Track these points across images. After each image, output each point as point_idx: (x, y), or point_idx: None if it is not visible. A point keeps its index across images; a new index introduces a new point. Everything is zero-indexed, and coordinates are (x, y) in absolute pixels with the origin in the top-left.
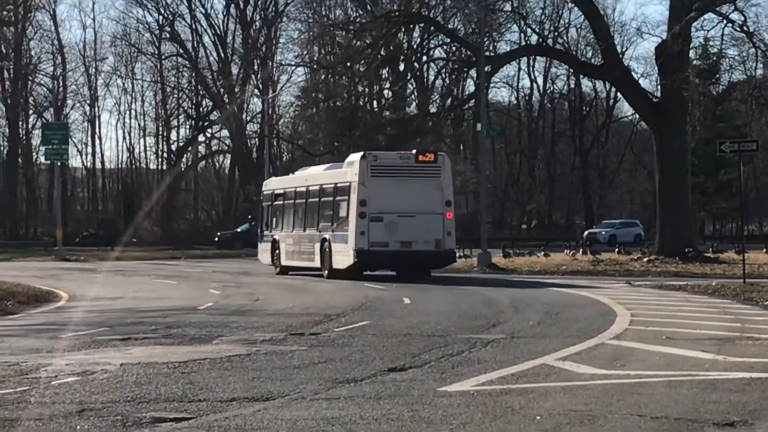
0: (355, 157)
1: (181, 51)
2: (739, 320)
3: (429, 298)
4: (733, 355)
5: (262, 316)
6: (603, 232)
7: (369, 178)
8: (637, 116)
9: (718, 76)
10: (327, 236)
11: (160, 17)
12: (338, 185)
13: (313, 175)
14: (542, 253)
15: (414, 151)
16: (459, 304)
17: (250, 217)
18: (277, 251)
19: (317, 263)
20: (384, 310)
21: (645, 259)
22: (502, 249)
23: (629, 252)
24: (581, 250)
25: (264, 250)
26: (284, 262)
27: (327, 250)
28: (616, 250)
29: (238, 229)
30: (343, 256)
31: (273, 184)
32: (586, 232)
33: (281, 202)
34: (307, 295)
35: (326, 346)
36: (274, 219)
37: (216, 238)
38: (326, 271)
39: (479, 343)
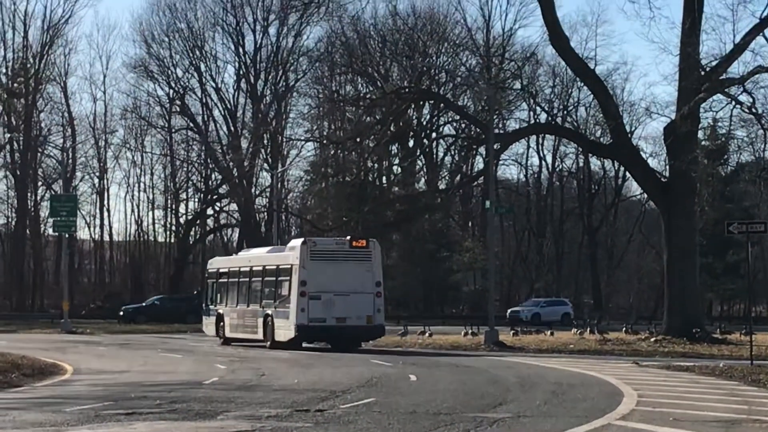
0: (297, 242)
1: (191, 124)
2: (746, 402)
3: (435, 376)
4: None
5: (267, 392)
6: (525, 311)
7: (309, 261)
8: (646, 196)
9: (726, 156)
10: (270, 312)
11: (171, 91)
12: (280, 267)
13: (257, 257)
14: (549, 332)
15: (348, 238)
16: (465, 382)
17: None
18: (222, 324)
19: (260, 335)
20: (390, 387)
21: (653, 339)
22: (511, 327)
23: (637, 332)
24: (589, 330)
25: (209, 323)
26: (228, 334)
27: (270, 324)
28: (624, 329)
29: (144, 303)
30: (285, 330)
31: (217, 263)
32: (509, 311)
33: (225, 280)
34: (314, 370)
35: (331, 423)
36: (219, 295)
37: (121, 312)
38: (269, 343)
39: (485, 422)
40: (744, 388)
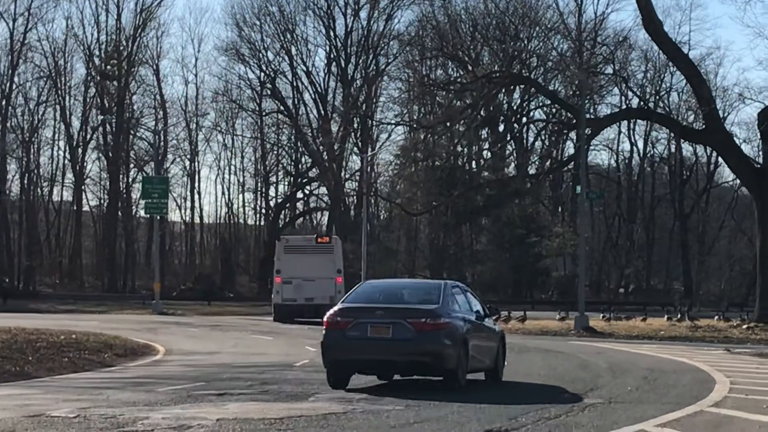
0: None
1: (282, 108)
2: None
3: (526, 360)
4: None
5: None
6: None
7: (283, 254)
8: (738, 182)
9: None
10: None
11: (262, 74)
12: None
13: None
14: (641, 317)
15: (314, 235)
16: (556, 366)
17: None
18: None
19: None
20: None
21: (744, 327)
22: (602, 313)
23: (728, 319)
24: (680, 316)
25: None
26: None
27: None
28: (716, 317)
29: None
30: (270, 308)
31: None
32: None
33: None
34: None
35: (422, 407)
36: None
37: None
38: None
39: (577, 407)
40: None
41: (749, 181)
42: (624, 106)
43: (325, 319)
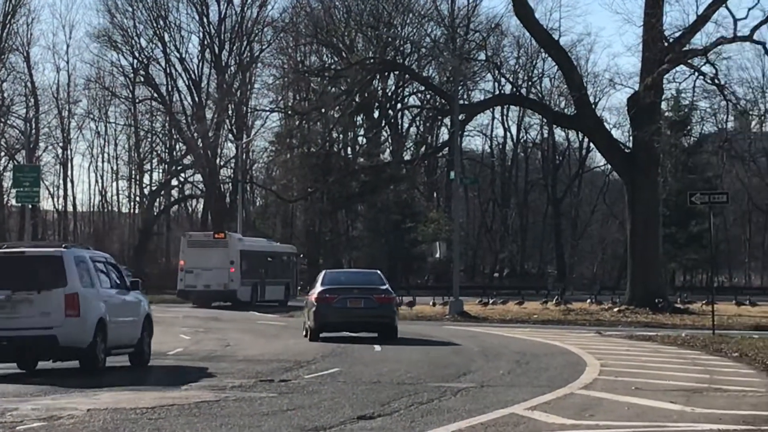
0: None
1: (155, 95)
2: (707, 371)
3: (399, 346)
4: (701, 406)
5: (232, 362)
6: None
7: (187, 248)
8: (610, 166)
9: (689, 127)
10: None
11: (135, 61)
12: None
13: None
14: (516, 302)
15: (212, 232)
16: (429, 352)
17: None
18: None
19: None
20: (354, 357)
21: (615, 309)
22: (481, 297)
23: (600, 302)
24: (557, 300)
25: None
26: None
27: None
28: (588, 300)
29: None
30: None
31: None
32: None
33: None
34: (278, 341)
35: (295, 393)
36: None
37: None
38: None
39: (449, 392)
40: (706, 357)
41: (620, 166)
42: (497, 92)
43: (315, 297)
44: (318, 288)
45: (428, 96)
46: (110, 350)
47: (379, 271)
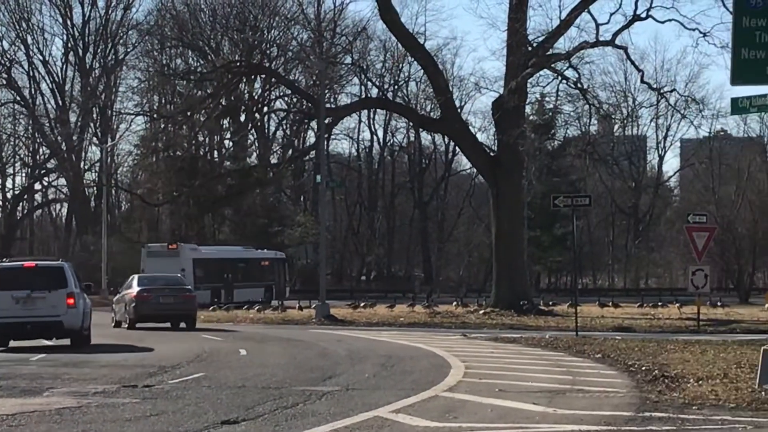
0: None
1: (18, 98)
2: (570, 373)
3: (265, 350)
4: (564, 407)
5: (95, 368)
6: None
7: (146, 258)
8: (475, 170)
9: (553, 131)
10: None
11: None
12: None
13: None
14: (388, 305)
15: (167, 243)
16: (295, 355)
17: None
18: None
19: None
20: (220, 361)
21: (481, 312)
22: (351, 301)
23: (466, 304)
24: (425, 302)
25: None
26: None
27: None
28: (454, 303)
29: None
30: None
31: None
32: None
33: None
34: (144, 345)
35: (159, 399)
36: None
37: None
38: None
39: (314, 395)
40: (569, 359)
41: (484, 169)
42: (363, 96)
43: (134, 295)
44: (136, 288)
45: (295, 99)
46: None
47: (179, 275)
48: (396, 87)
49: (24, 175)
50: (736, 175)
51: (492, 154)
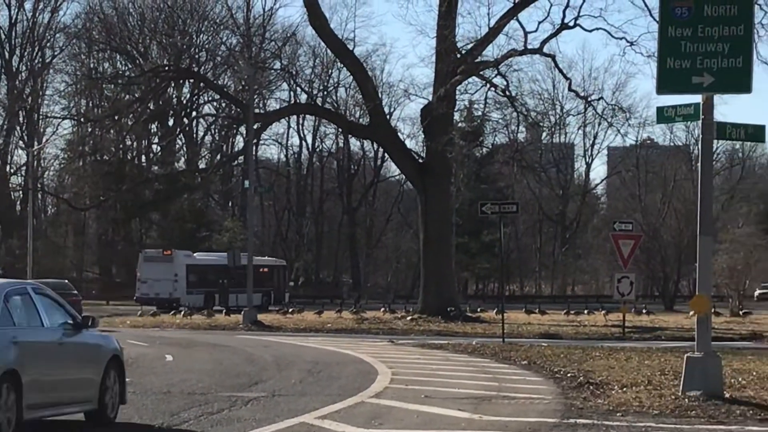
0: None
1: None
2: (496, 379)
3: (192, 356)
4: (489, 414)
5: None
6: None
7: (143, 263)
8: (404, 176)
9: (482, 138)
10: None
11: None
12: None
13: None
14: (316, 311)
15: (162, 249)
16: (222, 361)
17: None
18: None
19: None
20: (145, 367)
21: (409, 318)
22: (280, 307)
23: (394, 310)
24: (353, 308)
25: None
26: None
27: None
28: (382, 309)
29: None
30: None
31: None
32: None
33: None
34: None
35: None
36: None
37: None
38: None
39: (240, 402)
40: (495, 365)
41: (413, 176)
42: (292, 102)
43: None
44: None
45: (223, 104)
46: None
47: (66, 280)
48: (325, 93)
49: None
50: (662, 183)
51: (420, 160)
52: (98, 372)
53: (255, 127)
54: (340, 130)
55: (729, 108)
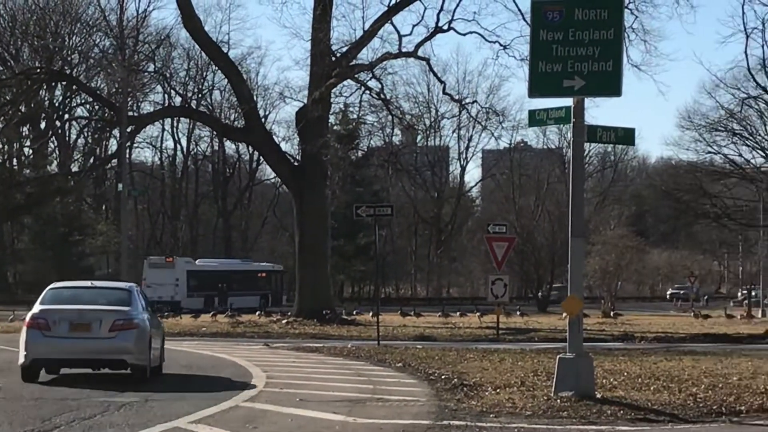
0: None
1: None
2: (371, 382)
3: None
4: (364, 416)
5: None
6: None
7: (148, 269)
8: (280, 179)
9: (357, 141)
10: None
11: None
12: None
13: None
14: (192, 314)
15: (164, 257)
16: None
17: None
18: None
19: None
20: (18, 372)
21: (284, 321)
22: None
23: (269, 314)
24: (228, 312)
25: None
26: None
27: None
28: (257, 312)
29: None
30: None
31: None
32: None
33: None
34: None
35: None
36: None
37: None
38: None
39: (113, 406)
40: (370, 368)
41: (288, 179)
42: (167, 104)
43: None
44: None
45: (97, 107)
46: None
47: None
48: (200, 95)
49: None
50: (535, 186)
51: (296, 163)
52: None
53: (128, 129)
54: (214, 133)
55: (601, 111)
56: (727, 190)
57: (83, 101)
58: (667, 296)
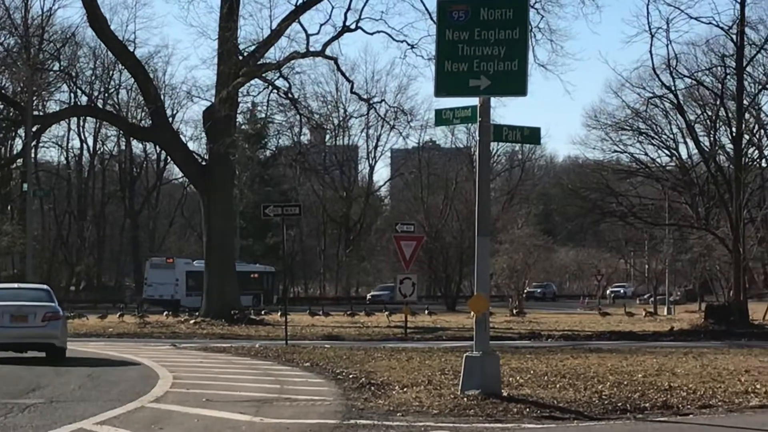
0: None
1: None
2: (279, 382)
3: None
4: (270, 416)
5: None
6: None
7: (149, 268)
8: (187, 179)
9: (265, 141)
10: None
11: None
12: None
13: None
14: (99, 315)
15: (165, 258)
16: None
17: None
18: None
19: None
20: None
21: (192, 321)
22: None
23: (177, 314)
24: (135, 312)
25: None
26: None
27: None
28: (165, 313)
29: None
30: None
31: None
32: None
33: None
34: None
35: None
36: None
37: None
38: None
39: (17, 408)
40: (278, 367)
41: (196, 179)
42: (72, 103)
43: None
44: None
45: (1, 106)
46: None
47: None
48: (106, 95)
49: None
50: (444, 185)
51: (203, 163)
52: None
53: (34, 129)
54: (121, 132)
55: (508, 110)
56: (633, 188)
57: None
58: (608, 294)
